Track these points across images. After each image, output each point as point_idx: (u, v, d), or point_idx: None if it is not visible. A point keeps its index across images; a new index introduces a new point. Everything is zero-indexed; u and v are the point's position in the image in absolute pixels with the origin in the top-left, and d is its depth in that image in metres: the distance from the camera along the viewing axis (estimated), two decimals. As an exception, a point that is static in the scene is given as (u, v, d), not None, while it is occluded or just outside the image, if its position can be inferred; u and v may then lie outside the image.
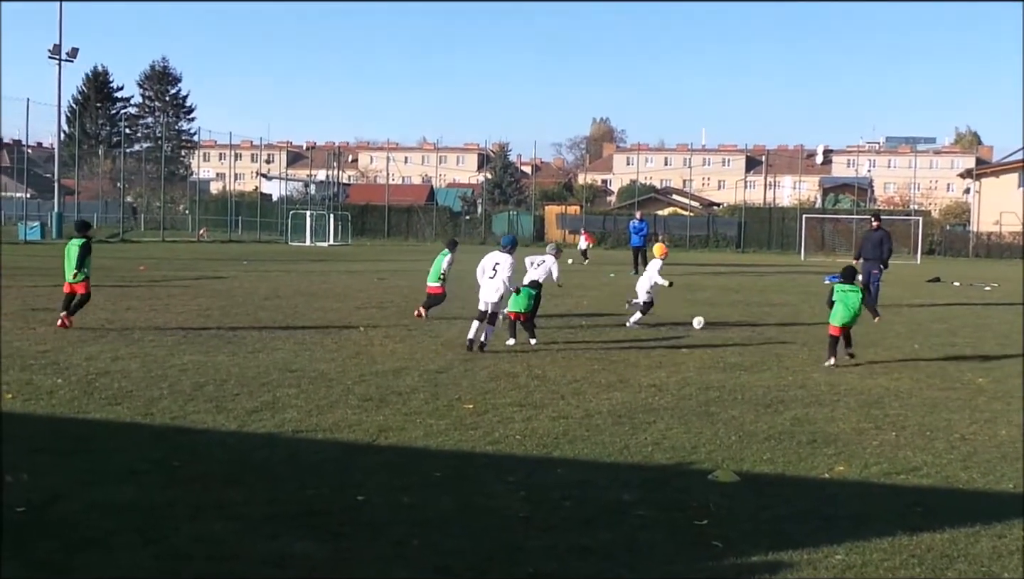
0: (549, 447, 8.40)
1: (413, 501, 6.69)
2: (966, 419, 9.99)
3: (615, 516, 6.52)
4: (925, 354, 14.74)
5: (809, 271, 40.28)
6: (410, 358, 12.99)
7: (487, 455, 8.09)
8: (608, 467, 7.85)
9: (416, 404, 10.00)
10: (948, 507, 6.87)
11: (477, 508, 6.60)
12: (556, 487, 7.15)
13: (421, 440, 8.53)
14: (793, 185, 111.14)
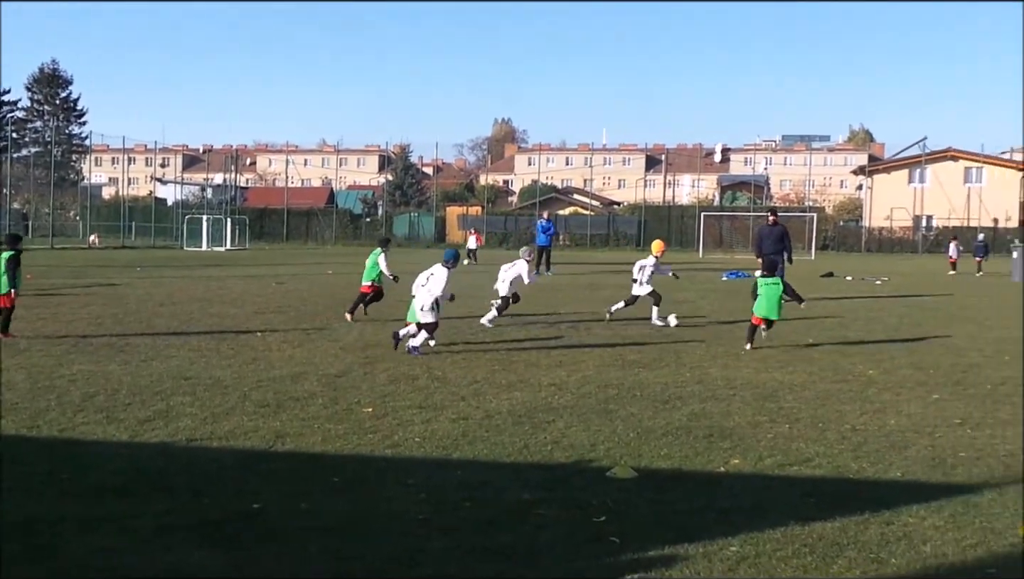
0: (449, 449, 8.38)
1: (311, 507, 6.62)
2: (857, 410, 10.23)
3: (515, 516, 6.52)
4: (818, 347, 15.05)
5: (708, 268, 40.93)
6: (308, 363, 12.86)
7: (386, 459, 8.04)
8: (508, 467, 7.86)
9: (314, 409, 9.90)
10: (839, 496, 7.02)
11: (376, 512, 6.55)
12: (456, 488, 7.14)
13: (319, 445, 8.45)
14: (692, 183, 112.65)
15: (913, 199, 75.66)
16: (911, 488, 7.31)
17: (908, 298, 25.71)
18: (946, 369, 13.06)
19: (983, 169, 78.27)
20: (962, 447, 8.62)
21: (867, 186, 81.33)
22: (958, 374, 12.65)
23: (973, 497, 7.04)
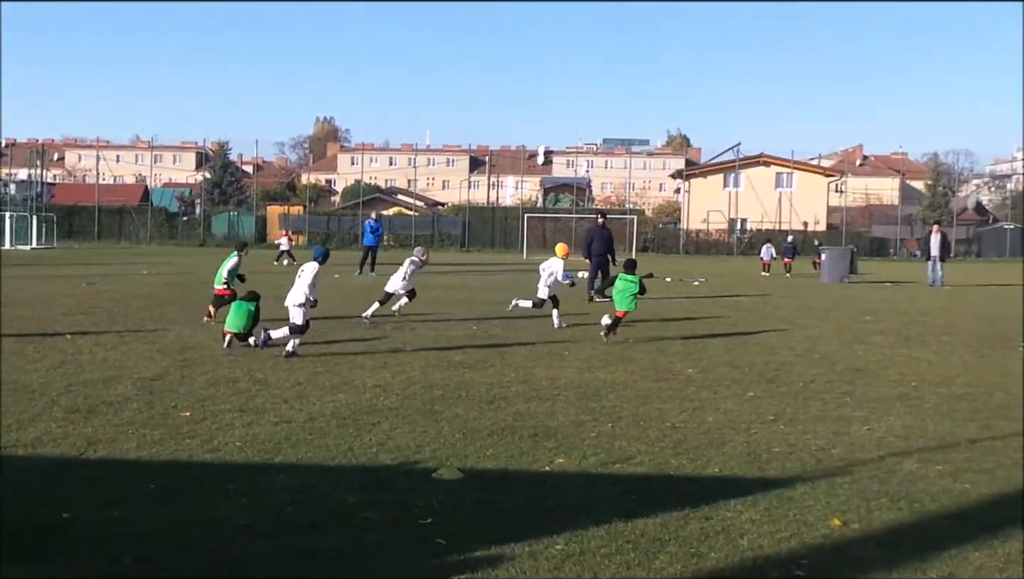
0: (271, 453, 8.18)
1: (125, 515, 6.35)
2: (676, 408, 10.47)
3: (340, 519, 6.41)
4: (639, 347, 15.36)
5: (531, 269, 41.28)
6: (122, 366, 12.37)
7: (205, 464, 7.79)
8: (332, 470, 7.73)
9: (129, 414, 9.52)
10: (660, 493, 7.16)
11: (195, 519, 6.33)
12: (279, 493, 6.97)
13: (134, 451, 8.13)
14: (515, 185, 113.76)
15: (728, 203, 78.28)
16: (728, 483, 7.51)
17: (724, 298, 26.52)
18: (760, 367, 13.51)
19: (793, 174, 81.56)
20: (776, 443, 8.92)
21: (685, 190, 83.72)
22: (771, 372, 13.11)
23: (787, 491, 7.28)
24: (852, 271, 36.82)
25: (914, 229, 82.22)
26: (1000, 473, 7.95)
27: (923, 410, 10.63)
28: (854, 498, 7.12)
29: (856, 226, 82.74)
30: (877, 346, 16.13)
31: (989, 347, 16.27)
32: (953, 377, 13.00)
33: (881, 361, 14.39)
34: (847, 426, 9.72)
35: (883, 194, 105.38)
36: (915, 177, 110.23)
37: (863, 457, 8.44)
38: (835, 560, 5.94)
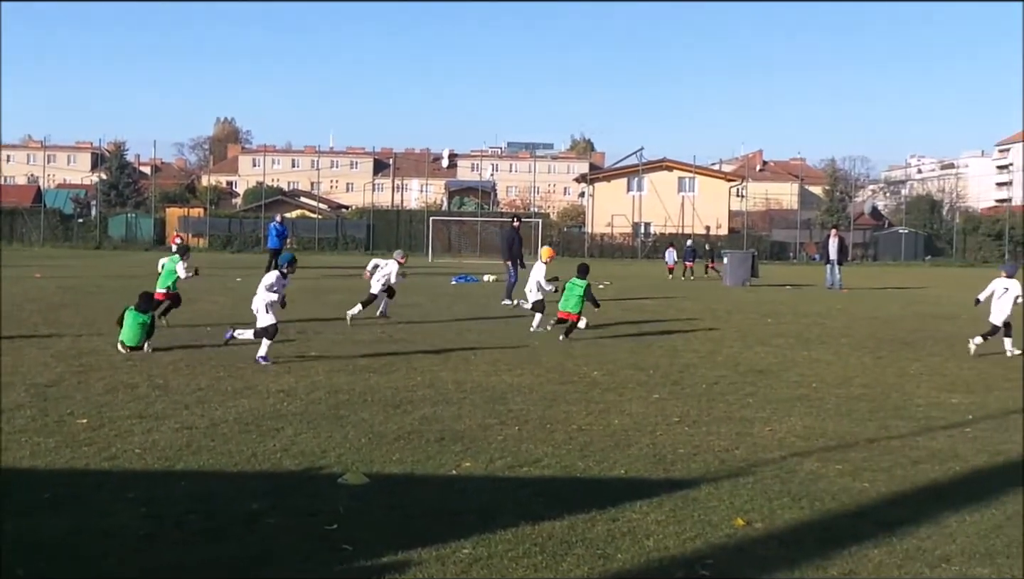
0: (172, 460, 8.01)
1: (18, 527, 6.15)
2: (583, 411, 10.51)
3: (244, 526, 6.30)
4: (545, 350, 15.40)
5: (437, 273, 41.28)
6: (14, 372, 12.00)
7: (103, 472, 7.59)
8: (235, 476, 7.59)
9: (21, 422, 9.23)
10: (567, 495, 7.17)
11: (92, 530, 6.15)
12: (181, 501, 6.82)
13: (27, 460, 7.88)
14: (420, 188, 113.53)
15: (632, 206, 79.01)
16: (634, 485, 7.56)
17: (629, 301, 26.73)
18: (665, 369, 13.65)
19: (696, 179, 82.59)
20: (681, 444, 9.01)
21: (589, 193, 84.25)
22: (676, 374, 13.25)
23: (691, 492, 7.35)
24: (753, 274, 37.42)
25: (813, 233, 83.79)
26: (897, 471, 8.13)
27: (823, 411, 10.84)
28: (757, 498, 7.22)
29: (757, 230, 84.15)
30: (778, 348, 16.42)
31: (886, 349, 16.68)
32: (851, 378, 13.29)
33: (782, 363, 14.64)
34: (750, 427, 9.86)
35: (783, 199, 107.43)
36: (813, 182, 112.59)
37: (765, 457, 8.56)
38: (739, 559, 6.01)
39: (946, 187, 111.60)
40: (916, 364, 14.79)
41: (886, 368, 14.35)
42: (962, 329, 20.57)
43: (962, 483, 7.88)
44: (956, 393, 12.22)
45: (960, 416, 10.68)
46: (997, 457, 8.80)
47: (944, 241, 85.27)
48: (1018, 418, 10.59)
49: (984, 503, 7.18)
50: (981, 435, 9.69)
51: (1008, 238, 79.29)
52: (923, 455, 8.75)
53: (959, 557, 6.07)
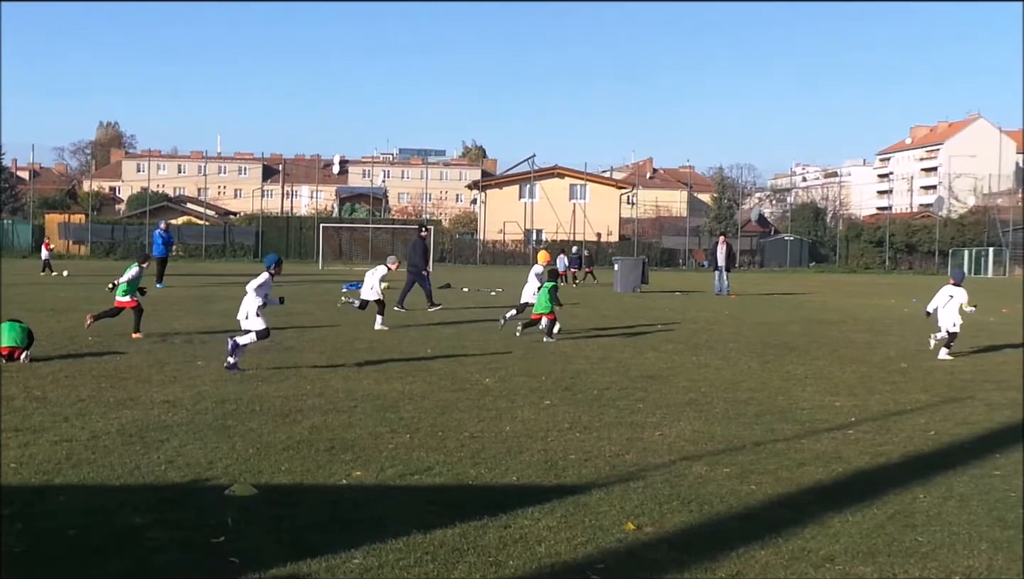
0: (51, 474, 7.74)
1: None
2: (474, 418, 10.48)
3: (127, 541, 6.11)
4: (437, 358, 15.34)
5: (327, 280, 40.89)
6: None
7: (-23, 488, 7.30)
8: (118, 490, 7.37)
9: None
10: (459, 503, 7.12)
11: (-36, 548, 5.91)
12: (60, 516, 6.59)
13: None
14: (311, 194, 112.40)
15: (524, 213, 79.38)
16: (526, 491, 7.55)
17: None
18: (557, 376, 13.69)
19: (587, 186, 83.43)
20: (572, 450, 9.03)
21: (481, 200, 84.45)
22: (568, 380, 13.30)
23: (583, 497, 7.37)
24: (643, 281, 37.88)
25: (701, 240, 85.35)
26: (783, 474, 8.28)
27: (711, 415, 10.99)
28: (647, 502, 7.27)
29: (647, 237, 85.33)
30: (668, 353, 16.62)
31: (772, 354, 17.00)
32: (739, 382, 13.51)
33: (672, 368, 14.82)
34: (640, 432, 9.94)
35: (672, 206, 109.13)
36: (702, 190, 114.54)
37: (655, 462, 8.64)
38: (629, 563, 6.04)
39: (829, 195, 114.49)
40: (801, 368, 15.11)
41: (772, 372, 14.63)
42: (846, 334, 21.13)
43: (845, 484, 8.05)
44: (839, 396, 12.52)
45: (843, 418, 10.93)
46: (878, 458, 9.02)
47: (828, 248, 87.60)
48: (898, 420, 10.89)
49: (866, 503, 7.35)
50: (863, 437, 9.93)
51: (889, 245, 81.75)
52: (808, 457, 8.92)
53: (842, 556, 6.19)
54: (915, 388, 13.31)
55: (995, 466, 8.73)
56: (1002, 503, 7.48)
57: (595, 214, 79.81)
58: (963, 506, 7.37)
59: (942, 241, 79.74)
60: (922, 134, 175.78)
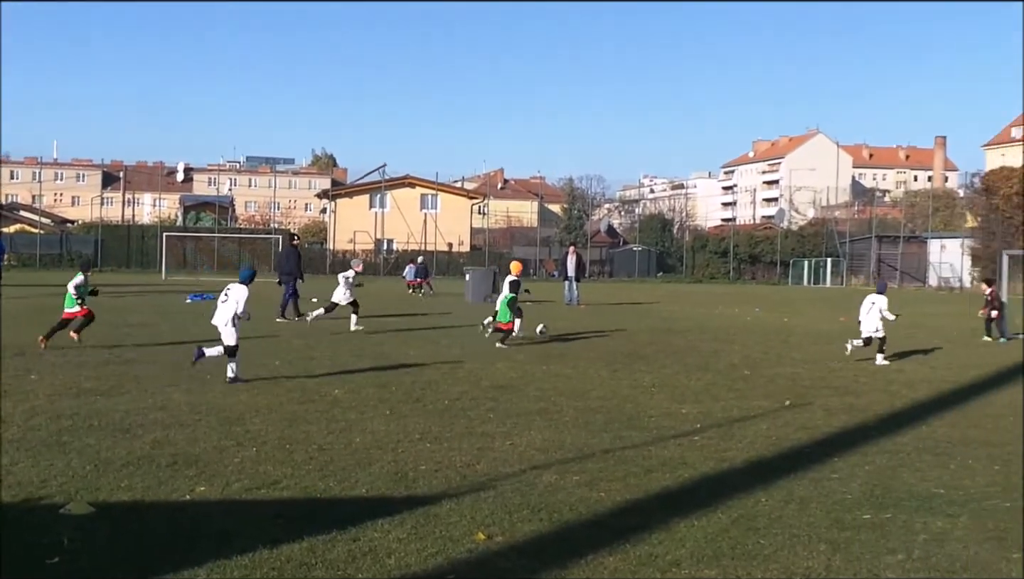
0: None
1: None
2: (323, 430, 10.32)
3: (-50, 566, 5.80)
4: (285, 370, 15.07)
5: (171, 290, 39.84)
6: None
7: None
8: (-58, 512, 6.99)
9: None
10: (307, 516, 6.99)
11: None
12: None
13: None
14: (153, 202, 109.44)
15: (375, 223, 78.91)
16: (376, 503, 7.46)
17: (372, 319, 26.59)
18: (407, 386, 13.60)
19: (438, 196, 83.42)
20: (423, 460, 8.98)
21: (331, 210, 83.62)
22: (418, 391, 13.22)
23: (433, 508, 7.32)
24: (495, 291, 38.00)
25: (552, 250, 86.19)
26: (631, 480, 8.38)
27: (561, 423, 11.08)
28: (498, 511, 7.27)
29: (498, 247, 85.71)
30: (519, 363, 16.69)
31: (621, 362, 17.25)
32: (588, 391, 13.66)
33: (523, 377, 14.89)
34: (491, 441, 9.95)
35: (523, 216, 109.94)
36: (552, 201, 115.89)
37: (506, 471, 8.65)
38: (481, 573, 6.03)
39: (676, 206, 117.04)
40: (649, 377, 15.37)
41: (621, 381, 14.84)
42: (692, 343, 21.61)
43: (691, 489, 8.21)
44: (686, 404, 12.77)
45: (689, 425, 11.15)
46: (723, 463, 9.23)
47: (675, 258, 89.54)
48: (741, 426, 11.17)
49: (711, 508, 7.50)
50: (708, 443, 10.15)
51: (733, 255, 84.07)
52: (655, 464, 9.06)
53: (688, 560, 6.29)
54: (757, 395, 13.68)
55: (833, 469, 9.03)
56: (839, 505, 7.72)
57: (446, 224, 79.87)
58: (803, 509, 7.58)
59: (783, 252, 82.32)
60: (764, 148, 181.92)
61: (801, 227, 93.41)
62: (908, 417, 12.12)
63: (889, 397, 13.77)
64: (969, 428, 11.35)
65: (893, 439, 10.56)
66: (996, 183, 59.36)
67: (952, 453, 9.85)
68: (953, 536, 6.93)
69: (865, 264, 75.35)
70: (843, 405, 12.92)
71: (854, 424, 11.56)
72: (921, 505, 7.76)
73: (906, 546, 6.68)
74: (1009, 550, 6.61)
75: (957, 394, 14.27)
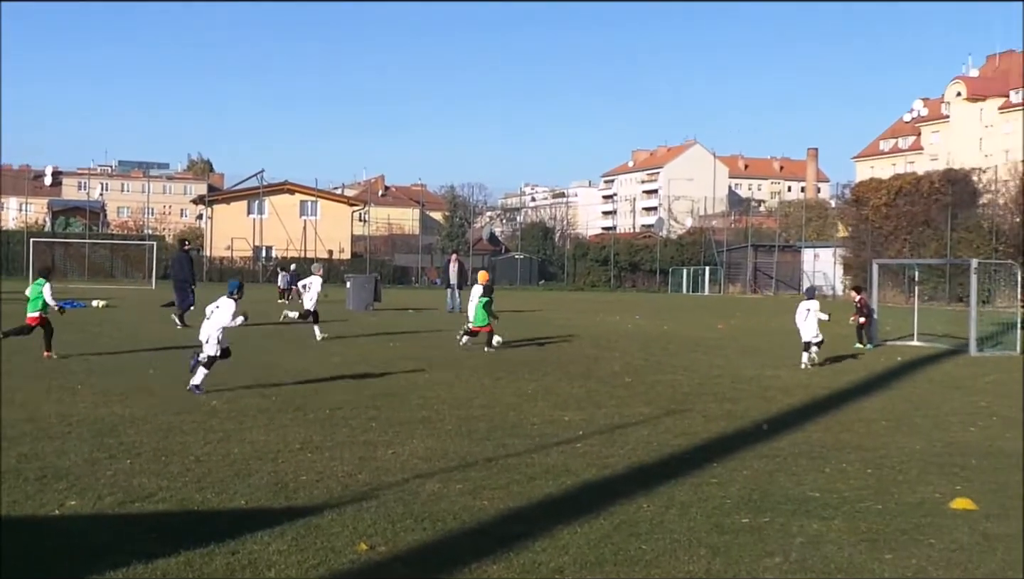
0: None
1: None
2: (200, 440, 10.08)
3: None
4: (160, 379, 14.70)
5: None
6: None
7: None
8: None
9: None
10: (184, 529, 6.80)
11: None
12: None
13: None
14: (19, 207, 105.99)
15: (253, 229, 77.76)
16: (255, 515, 7.31)
17: (251, 327, 26.13)
18: (287, 395, 13.39)
19: (318, 203, 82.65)
20: (303, 471, 8.83)
21: (207, 216, 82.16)
22: (299, 400, 13.03)
23: (314, 518, 7.20)
24: (376, 298, 37.77)
25: (434, 258, 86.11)
26: (515, 488, 8.37)
27: (444, 432, 11.02)
28: (380, 521, 7.18)
29: (380, 255, 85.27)
30: (402, 372, 16.58)
31: (504, 370, 17.27)
32: (471, 399, 13.63)
33: (406, 386, 14.79)
34: (373, 451, 9.84)
35: (405, 224, 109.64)
36: (434, 208, 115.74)
37: (388, 480, 8.56)
38: (363, 585, 5.94)
39: (557, 215, 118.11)
40: (532, 384, 15.41)
41: (504, 389, 14.85)
42: (574, 350, 21.78)
43: (574, 496, 8.23)
44: (568, 411, 12.84)
45: (572, 432, 11.20)
46: (605, 470, 9.28)
47: (556, 266, 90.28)
48: (623, 432, 11.27)
49: (594, 514, 7.53)
50: (591, 450, 10.20)
51: (613, 264, 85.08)
52: (538, 471, 9.07)
53: (572, 567, 6.30)
54: (639, 402, 13.83)
55: (712, 474, 9.16)
56: (719, 510, 7.83)
57: (326, 231, 79.15)
58: (683, 514, 7.67)
59: (663, 260, 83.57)
60: (643, 158, 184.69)
61: (680, 236, 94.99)
62: (784, 422, 12.38)
63: (766, 403, 14.05)
64: (842, 432, 11.64)
65: (770, 444, 10.76)
66: (866, 194, 61.12)
67: (827, 457, 10.09)
68: (828, 538, 7.08)
69: (742, 272, 76.95)
70: (722, 411, 13.14)
71: (732, 430, 11.76)
72: (797, 508, 7.92)
73: (783, 549, 6.80)
74: (881, 551, 6.78)
75: (831, 400, 14.64)
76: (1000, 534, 7.24)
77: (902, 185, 58.82)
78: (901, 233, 56.91)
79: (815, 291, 20.76)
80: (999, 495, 8.51)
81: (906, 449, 10.62)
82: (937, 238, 53.99)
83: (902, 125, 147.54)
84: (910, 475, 9.31)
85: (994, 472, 9.51)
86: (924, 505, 8.13)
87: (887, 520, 7.60)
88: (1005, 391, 15.75)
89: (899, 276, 47.41)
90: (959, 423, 12.54)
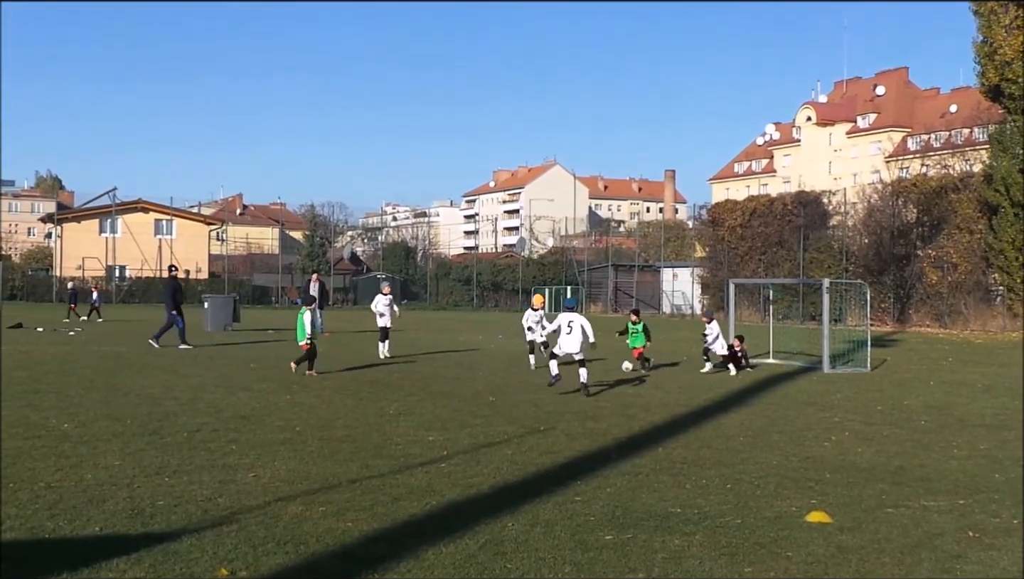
0: None
1: None
2: (52, 466, 9.74)
3: None
4: (8, 404, 14.15)
5: None
6: None
7: None
8: None
9: None
10: (34, 559, 6.56)
11: None
12: None
13: None
14: None
15: (105, 249, 75.62)
16: (111, 542, 7.08)
17: (103, 348, 25.42)
18: (143, 419, 13.04)
19: (173, 221, 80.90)
20: (160, 495, 8.60)
21: (57, 235, 79.62)
22: (155, 423, 12.70)
23: (173, 544, 7.01)
24: (235, 319, 37.10)
25: (294, 277, 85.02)
26: (379, 509, 8.31)
27: (306, 454, 10.87)
28: (241, 546, 7.04)
29: (238, 274, 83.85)
30: (262, 393, 16.32)
31: (367, 390, 17.15)
32: (334, 420, 13.48)
33: (266, 407, 14.56)
34: (233, 474, 9.65)
35: (264, 243, 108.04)
36: (294, 228, 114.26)
37: (249, 504, 8.40)
38: (224, 612, 5.80)
39: (419, 234, 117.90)
40: (395, 404, 15.33)
41: (367, 409, 14.73)
42: (437, 370, 21.76)
43: (439, 516, 8.21)
44: (432, 431, 12.80)
45: (436, 452, 11.17)
46: (469, 489, 9.29)
47: (419, 285, 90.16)
48: (487, 451, 11.29)
49: (459, 534, 7.52)
50: (455, 470, 10.19)
51: (476, 283, 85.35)
52: (403, 492, 9.03)
53: (438, 588, 6.28)
54: (502, 421, 13.88)
55: (576, 492, 9.24)
56: (583, 527, 7.91)
57: (183, 250, 77.45)
58: (548, 532, 7.72)
59: (525, 280, 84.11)
60: (504, 178, 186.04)
61: (541, 256, 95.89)
62: (646, 440, 12.58)
63: (627, 421, 14.25)
64: (702, 449, 11.88)
65: (632, 461, 10.92)
66: (721, 215, 62.64)
67: (687, 473, 10.28)
68: (689, 553, 7.21)
69: (603, 292, 77.99)
70: (584, 429, 13.28)
71: (595, 448, 11.89)
72: (660, 524, 8.05)
73: (646, 564, 6.90)
74: (741, 565, 6.94)
75: (691, 417, 14.93)
76: (854, 546, 7.49)
77: (756, 206, 60.45)
78: (756, 253, 58.48)
79: (713, 313, 22.64)
80: (852, 508, 8.80)
81: (763, 464, 10.90)
82: (790, 258, 55.67)
83: (755, 148, 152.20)
84: (767, 490, 9.55)
85: (847, 486, 9.83)
86: (781, 519, 8.34)
87: (746, 534, 7.78)
88: (857, 407, 16.30)
89: (754, 295, 48.65)
90: (814, 438, 12.92)
